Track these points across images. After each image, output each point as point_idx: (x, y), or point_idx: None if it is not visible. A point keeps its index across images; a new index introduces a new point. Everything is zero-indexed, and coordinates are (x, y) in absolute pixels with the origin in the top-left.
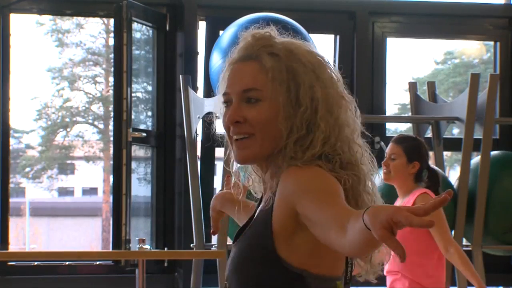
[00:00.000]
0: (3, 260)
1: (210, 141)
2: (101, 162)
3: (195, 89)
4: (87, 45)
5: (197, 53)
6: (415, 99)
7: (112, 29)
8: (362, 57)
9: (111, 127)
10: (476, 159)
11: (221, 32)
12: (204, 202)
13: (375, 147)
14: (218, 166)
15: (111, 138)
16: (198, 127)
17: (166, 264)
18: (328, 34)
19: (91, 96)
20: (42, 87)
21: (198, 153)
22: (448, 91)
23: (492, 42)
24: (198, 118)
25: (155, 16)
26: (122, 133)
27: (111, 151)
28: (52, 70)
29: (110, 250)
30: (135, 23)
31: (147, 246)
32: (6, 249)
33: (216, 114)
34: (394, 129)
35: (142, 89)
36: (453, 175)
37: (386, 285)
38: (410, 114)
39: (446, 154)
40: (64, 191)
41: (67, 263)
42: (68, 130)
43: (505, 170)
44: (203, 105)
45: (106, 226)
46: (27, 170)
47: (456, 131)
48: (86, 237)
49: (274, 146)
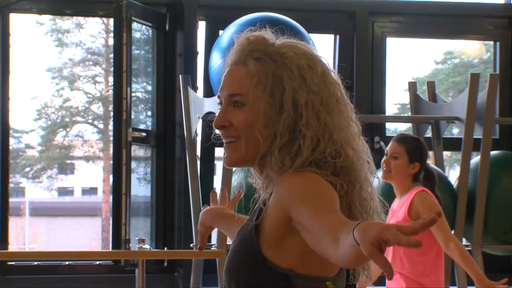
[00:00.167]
0: (3, 260)
1: (210, 141)
2: (101, 162)
3: (195, 89)
4: (87, 45)
5: (197, 53)
6: (415, 99)
7: (112, 29)
8: (362, 57)
9: (111, 127)
10: (476, 159)
11: (221, 32)
12: (204, 202)
13: (375, 147)
14: (218, 166)
15: (111, 138)
16: (198, 127)
17: (166, 264)
18: (328, 34)
19: (91, 96)
20: (42, 87)
21: (198, 153)
22: (448, 91)
23: (492, 42)
24: (198, 118)
25: (155, 16)
26: (122, 133)
27: (111, 151)
28: (52, 70)
29: (110, 250)
30: (135, 23)
31: (147, 246)
32: (6, 249)
33: (216, 114)
34: (394, 129)
35: (142, 89)
36: (453, 175)
37: (386, 285)
38: (410, 114)
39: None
40: (64, 191)
41: (67, 263)
42: (68, 130)
43: (505, 170)
44: (203, 105)
45: (106, 226)
46: (27, 170)
47: (456, 131)
48: (86, 237)
49: (259, 150)
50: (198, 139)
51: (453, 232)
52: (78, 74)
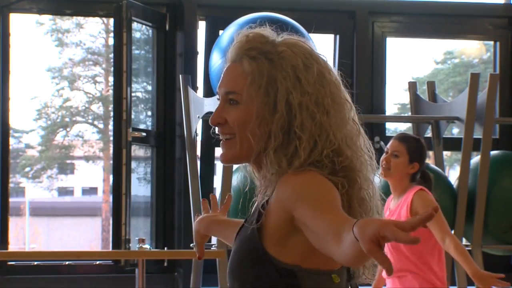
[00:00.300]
0: (3, 259)
1: (210, 141)
2: (101, 161)
3: (195, 88)
4: (87, 44)
5: (197, 52)
6: (415, 99)
7: (112, 28)
8: (362, 57)
9: (111, 127)
10: (476, 159)
11: (221, 31)
12: None
13: (375, 147)
14: (218, 166)
15: (111, 138)
16: (198, 127)
17: (166, 263)
18: (328, 34)
19: (91, 95)
20: (42, 87)
21: (198, 153)
22: (448, 91)
23: (492, 42)
24: (198, 117)
25: (155, 15)
26: (122, 132)
27: (111, 151)
28: (52, 69)
29: (110, 249)
30: (135, 23)
31: (147, 246)
32: (6, 248)
33: None
34: (393, 128)
35: (142, 88)
36: (453, 175)
37: (385, 285)
38: (410, 114)
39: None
40: (64, 191)
41: (67, 263)
42: (68, 129)
43: (505, 170)
44: (203, 104)
45: (106, 226)
46: (27, 169)
47: (456, 131)
48: (86, 236)
49: (253, 149)
50: (198, 139)
51: (453, 232)
52: (78, 74)
